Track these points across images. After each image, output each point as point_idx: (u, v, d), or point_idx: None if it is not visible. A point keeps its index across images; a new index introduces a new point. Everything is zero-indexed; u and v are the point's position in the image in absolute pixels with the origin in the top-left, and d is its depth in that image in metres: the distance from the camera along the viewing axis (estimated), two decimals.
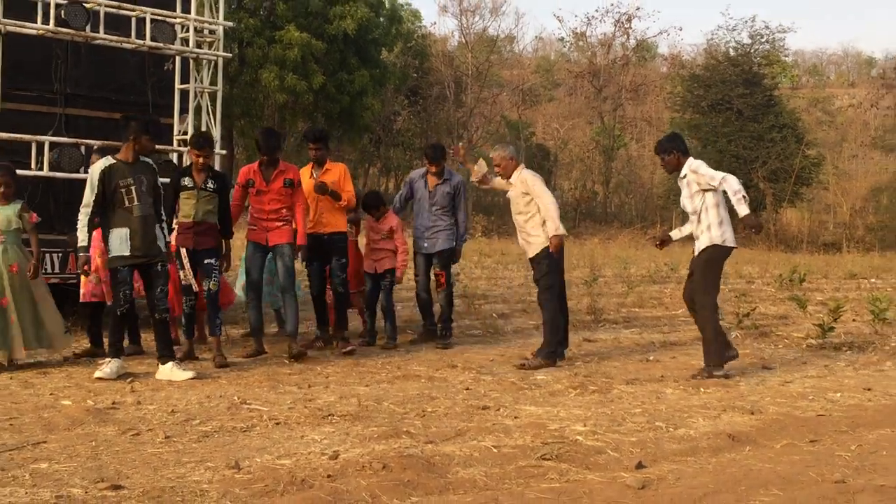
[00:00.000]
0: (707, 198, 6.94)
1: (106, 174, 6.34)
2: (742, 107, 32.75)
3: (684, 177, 7.07)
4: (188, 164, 7.46)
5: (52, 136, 8.12)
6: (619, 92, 39.65)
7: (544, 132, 42.30)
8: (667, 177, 35.66)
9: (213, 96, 9.38)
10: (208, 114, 9.33)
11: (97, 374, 6.29)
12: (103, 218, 6.42)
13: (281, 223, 7.36)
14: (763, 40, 35.35)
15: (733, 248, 7.07)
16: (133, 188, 6.33)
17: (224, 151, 12.00)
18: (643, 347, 8.58)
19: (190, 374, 6.40)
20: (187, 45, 9.07)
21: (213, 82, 9.37)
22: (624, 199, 39.22)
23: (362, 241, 8.59)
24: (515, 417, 5.46)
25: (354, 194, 7.95)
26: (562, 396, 6.18)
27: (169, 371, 6.40)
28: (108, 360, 6.42)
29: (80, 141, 8.16)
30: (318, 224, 7.70)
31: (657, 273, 17.52)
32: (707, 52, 38.04)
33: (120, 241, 6.33)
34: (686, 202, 7.09)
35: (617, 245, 29.83)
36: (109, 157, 6.51)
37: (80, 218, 6.40)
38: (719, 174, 6.89)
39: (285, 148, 32.45)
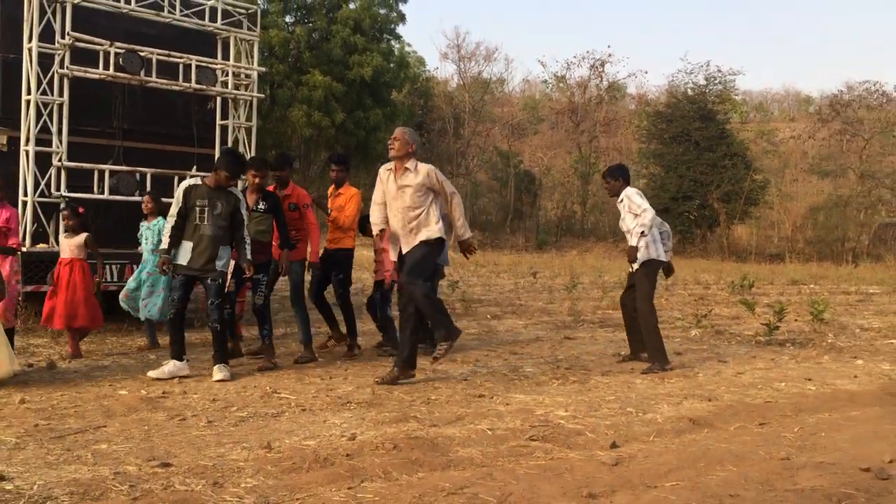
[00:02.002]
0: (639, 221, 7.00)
1: (188, 192, 6.14)
2: (699, 138, 32.81)
3: (622, 201, 7.14)
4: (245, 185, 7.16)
5: (112, 164, 8.15)
6: (594, 126, 39.77)
7: (530, 160, 42.35)
8: None
9: (248, 131, 9.42)
10: (244, 146, 9.35)
11: (150, 373, 6.07)
12: (182, 228, 6.15)
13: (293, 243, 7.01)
14: (716, 82, 35.49)
15: (664, 261, 7.17)
16: (206, 209, 6.09)
17: None
18: (616, 344, 8.55)
19: (221, 375, 6.06)
20: (227, 87, 9.11)
21: (249, 119, 9.41)
22: (599, 218, 39.19)
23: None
24: (507, 404, 5.44)
25: (352, 217, 7.34)
26: (546, 386, 6.16)
27: (213, 370, 6.14)
28: (168, 361, 6.19)
29: (135, 169, 8.19)
30: (327, 240, 7.35)
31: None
32: (669, 91, 38.16)
33: (184, 252, 6.11)
34: (622, 223, 7.16)
35: (593, 256, 29.86)
36: (198, 178, 6.37)
37: (165, 226, 6.19)
38: (645, 205, 6.92)
39: (310, 174, 32.55)
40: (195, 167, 8.65)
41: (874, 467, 3.99)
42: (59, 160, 7.74)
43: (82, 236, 6.92)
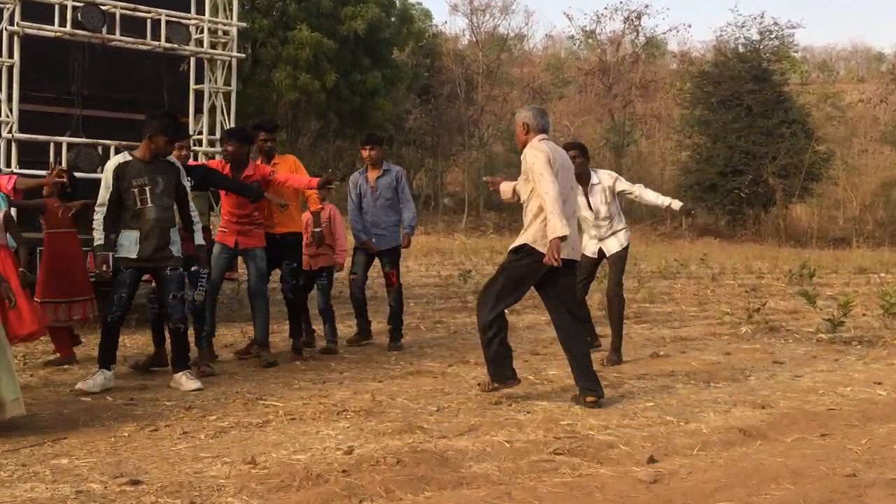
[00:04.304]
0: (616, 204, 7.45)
1: (120, 171, 5.87)
2: (752, 103, 32.57)
3: (598, 183, 7.33)
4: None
5: (70, 136, 8.17)
6: (629, 89, 39.51)
7: (555, 130, 42.18)
8: (677, 173, 35.56)
9: (227, 96, 9.43)
10: (223, 113, 9.37)
11: (79, 385, 5.75)
12: (117, 217, 5.93)
13: (252, 227, 6.92)
14: (772, 36, 35.16)
15: None
16: (147, 188, 5.84)
17: None
18: (654, 342, 8.55)
19: (195, 384, 5.94)
20: (202, 46, 9.12)
21: (228, 82, 9.42)
22: None
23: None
24: (528, 412, 5.46)
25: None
26: (573, 391, 6.16)
27: (178, 380, 5.99)
28: (95, 371, 5.87)
29: (96, 141, 8.21)
30: (269, 223, 7.14)
31: (667, 269, 17.46)
32: (716, 48, 37.84)
33: (129, 243, 5.86)
34: (602, 207, 7.36)
35: None
36: (126, 153, 6.06)
37: (94, 217, 5.93)
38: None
39: (299, 146, 32.56)
40: None
41: None
42: (10, 132, 7.77)
43: None
